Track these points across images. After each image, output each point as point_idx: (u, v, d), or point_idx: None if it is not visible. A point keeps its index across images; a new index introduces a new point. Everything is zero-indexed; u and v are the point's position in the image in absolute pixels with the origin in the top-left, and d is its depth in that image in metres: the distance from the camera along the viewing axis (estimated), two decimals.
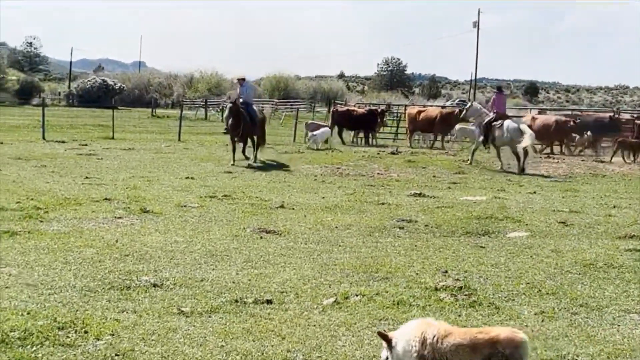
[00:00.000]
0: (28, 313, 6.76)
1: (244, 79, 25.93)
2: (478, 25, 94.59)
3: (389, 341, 5.55)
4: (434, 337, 5.42)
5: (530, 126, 30.45)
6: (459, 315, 7.33)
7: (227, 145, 26.78)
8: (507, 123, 26.13)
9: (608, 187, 20.06)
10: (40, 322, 6.47)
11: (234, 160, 23.71)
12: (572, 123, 32.29)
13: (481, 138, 26.54)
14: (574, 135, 32.39)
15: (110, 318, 6.76)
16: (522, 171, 24.06)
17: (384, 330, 5.82)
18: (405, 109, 42.16)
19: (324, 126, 35.37)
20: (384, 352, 5.61)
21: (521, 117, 36.60)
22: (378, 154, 29.68)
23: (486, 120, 26.31)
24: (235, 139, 24.63)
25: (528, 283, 8.72)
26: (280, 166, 23.15)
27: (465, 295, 7.99)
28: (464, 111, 28.83)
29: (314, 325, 6.86)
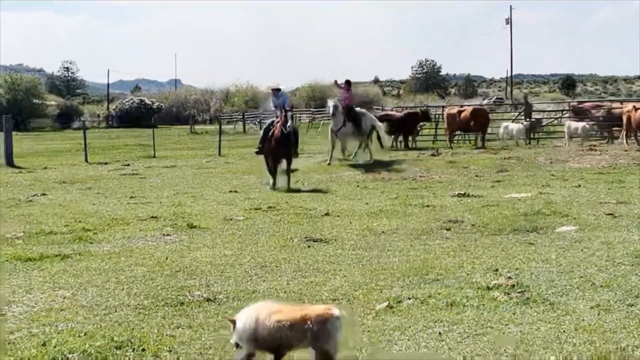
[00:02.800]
0: (85, 334, 6.83)
1: (278, 89, 23.27)
2: (510, 22, 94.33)
3: (234, 322, 6.02)
4: (265, 314, 5.88)
5: (630, 117, 29.50)
6: (514, 313, 7.29)
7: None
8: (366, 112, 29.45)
9: None
10: (98, 343, 6.53)
11: (275, 185, 20.47)
12: None
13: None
14: None
15: (166, 334, 6.81)
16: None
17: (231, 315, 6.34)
18: (443, 110, 41.92)
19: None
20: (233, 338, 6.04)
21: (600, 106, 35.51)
22: (418, 156, 29.59)
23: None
24: (278, 162, 21.24)
25: (581, 277, 8.65)
26: (322, 175, 23.07)
27: (519, 292, 7.94)
28: (334, 115, 27.77)
29: (369, 331, 6.86)
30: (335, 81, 30.18)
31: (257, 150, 22.17)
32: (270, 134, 21.33)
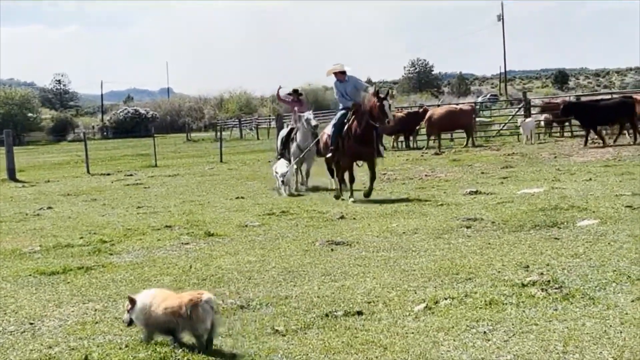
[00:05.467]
0: (127, 346, 6.72)
1: (344, 72, 17.57)
2: (503, 18, 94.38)
3: (133, 302, 6.72)
4: (157, 302, 6.52)
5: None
6: (556, 310, 7.18)
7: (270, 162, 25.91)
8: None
9: None
10: (141, 355, 6.42)
11: (352, 192, 17.29)
12: None
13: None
14: None
15: None
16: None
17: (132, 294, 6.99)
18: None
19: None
20: (126, 315, 6.85)
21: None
22: (421, 155, 29.63)
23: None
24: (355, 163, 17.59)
25: (614, 270, 8.54)
26: (325, 178, 22.90)
27: (556, 289, 7.84)
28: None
29: (412, 333, 6.77)
30: (278, 94, 23.33)
31: (331, 153, 17.70)
32: (346, 129, 17.19)
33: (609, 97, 36.97)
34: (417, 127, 35.95)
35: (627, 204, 13.20)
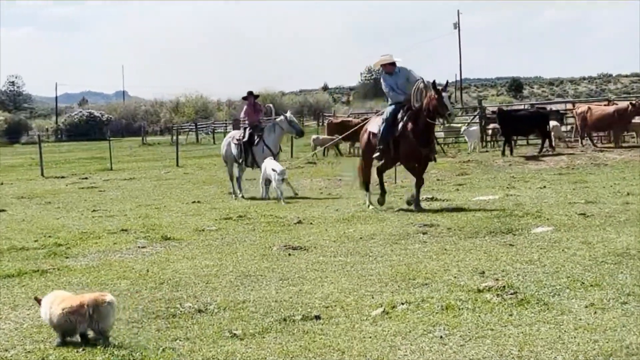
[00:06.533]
0: (83, 349, 6.68)
1: (393, 64, 15.86)
2: (459, 27, 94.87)
3: (39, 302, 7.15)
4: (56, 303, 6.84)
5: (585, 118, 29.51)
6: (511, 315, 7.27)
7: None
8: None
9: (615, 176, 20.18)
10: (99, 358, 6.40)
11: (381, 199, 16.38)
12: (630, 107, 28.77)
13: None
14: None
15: (166, 347, 6.68)
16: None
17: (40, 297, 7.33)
18: None
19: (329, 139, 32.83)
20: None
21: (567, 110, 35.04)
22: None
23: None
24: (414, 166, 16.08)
25: (568, 277, 8.67)
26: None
27: (511, 294, 7.93)
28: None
29: (370, 337, 6.81)
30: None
31: (378, 154, 16.20)
32: (401, 128, 15.54)
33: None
34: None
35: (580, 212, 13.42)
